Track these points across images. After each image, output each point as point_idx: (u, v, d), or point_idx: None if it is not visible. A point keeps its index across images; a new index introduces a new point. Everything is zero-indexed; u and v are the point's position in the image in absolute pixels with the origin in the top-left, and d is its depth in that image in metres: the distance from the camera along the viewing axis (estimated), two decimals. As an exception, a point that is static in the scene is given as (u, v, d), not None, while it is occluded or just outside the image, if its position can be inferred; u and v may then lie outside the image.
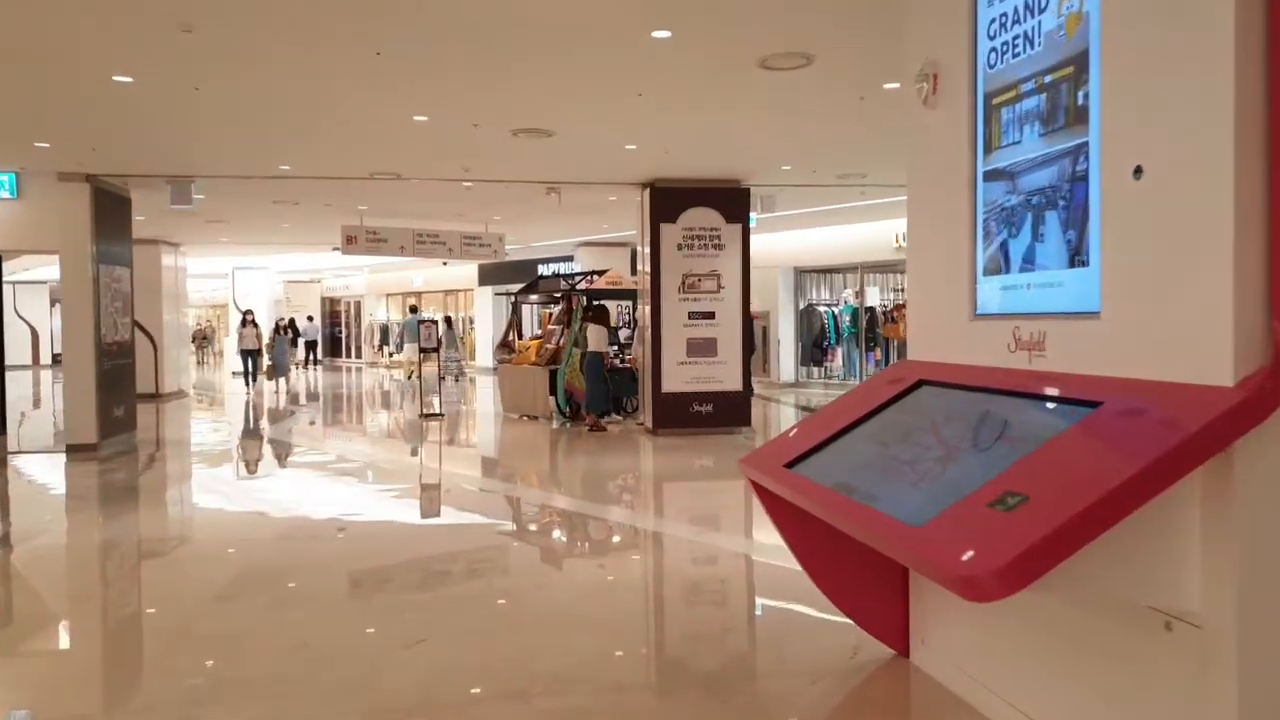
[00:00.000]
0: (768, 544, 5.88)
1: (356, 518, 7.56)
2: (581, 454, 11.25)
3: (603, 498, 8.67)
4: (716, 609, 5.23)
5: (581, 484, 9.53)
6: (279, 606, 5.07)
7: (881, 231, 17.35)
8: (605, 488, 9.15)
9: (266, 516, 7.77)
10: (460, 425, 14.86)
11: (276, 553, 6.35)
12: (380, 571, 5.88)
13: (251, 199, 13.67)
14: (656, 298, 11.75)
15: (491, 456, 11.84)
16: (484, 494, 9.22)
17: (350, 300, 36.60)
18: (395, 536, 6.93)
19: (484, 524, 7.57)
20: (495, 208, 14.93)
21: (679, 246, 11.78)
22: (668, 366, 11.74)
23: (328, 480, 9.72)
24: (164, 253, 20.10)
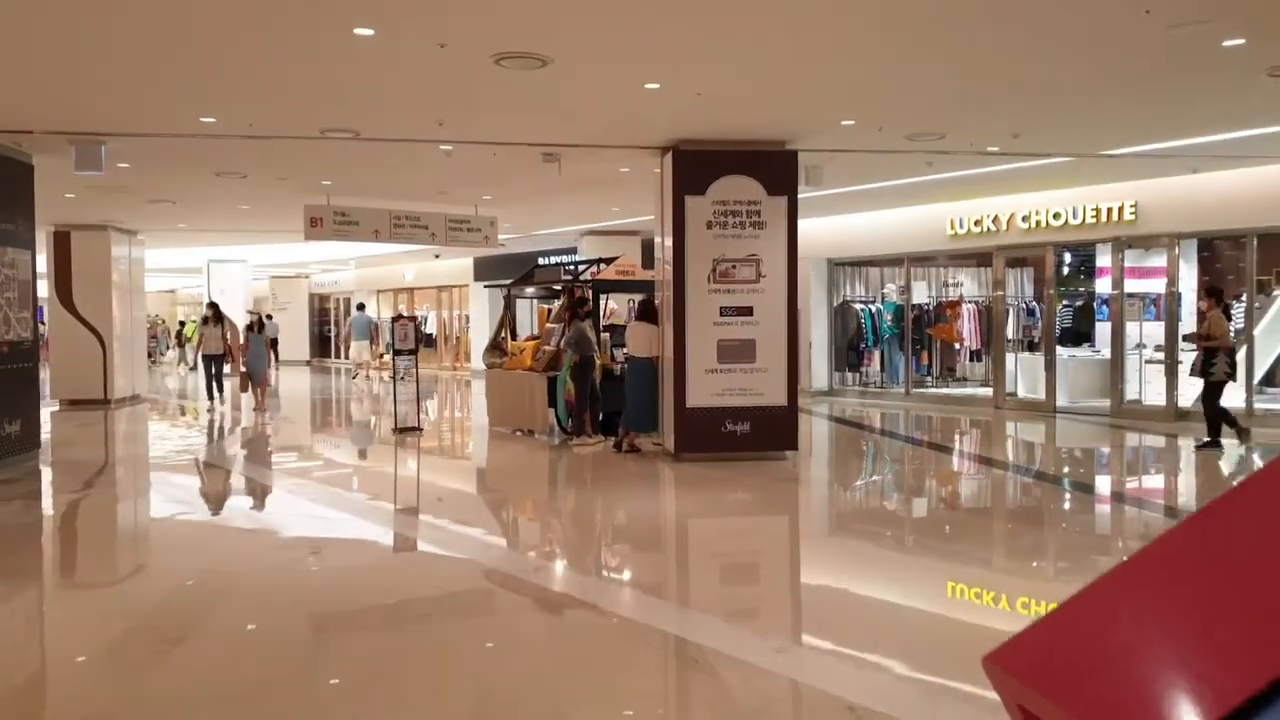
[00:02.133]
0: (892, 677, 3.51)
1: (273, 622, 5.17)
2: (582, 487, 8.87)
3: (605, 567, 6.28)
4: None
5: (577, 538, 7.17)
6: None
7: (933, 217, 14.95)
8: (610, 546, 6.74)
9: (138, 622, 5.38)
10: (440, 443, 12.46)
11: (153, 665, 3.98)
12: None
13: (188, 169, 11.32)
14: (680, 289, 9.36)
15: (468, 493, 9.43)
16: (446, 563, 6.82)
17: (340, 297, 34.28)
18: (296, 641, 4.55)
19: (424, 627, 5.18)
20: (484, 183, 12.54)
21: (709, 224, 9.38)
22: (694, 375, 9.35)
23: (253, 545, 7.33)
24: (115, 240, 17.75)
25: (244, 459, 11.08)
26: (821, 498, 8.72)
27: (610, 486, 8.91)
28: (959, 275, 17.02)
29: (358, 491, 9.09)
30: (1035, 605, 4.75)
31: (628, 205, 14.74)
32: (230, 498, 8.75)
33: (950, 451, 11.19)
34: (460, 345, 28.55)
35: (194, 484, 9.53)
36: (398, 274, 29.94)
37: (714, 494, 8.34)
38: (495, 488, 9.42)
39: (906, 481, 9.35)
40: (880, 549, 6.41)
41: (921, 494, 8.70)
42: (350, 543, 6.62)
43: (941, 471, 10.01)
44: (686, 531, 7.24)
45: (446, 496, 8.84)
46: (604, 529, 7.33)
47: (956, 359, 16.88)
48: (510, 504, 8.67)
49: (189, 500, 8.58)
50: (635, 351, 10.15)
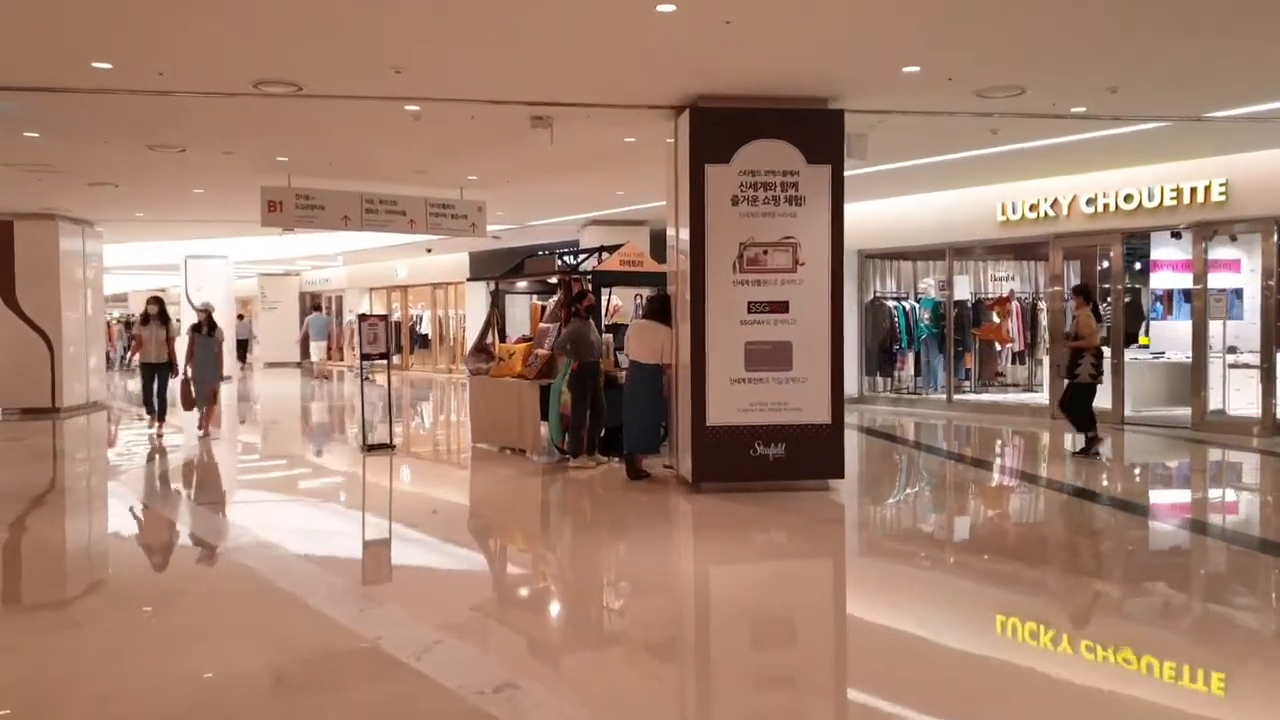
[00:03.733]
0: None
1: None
2: (573, 531, 7.10)
3: (609, 664, 4.47)
4: None
5: (572, 606, 5.37)
6: None
7: (981, 201, 13.15)
8: (604, 645, 4.91)
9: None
10: (413, 466, 10.67)
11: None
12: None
13: (114, 141, 9.55)
14: (699, 280, 7.58)
15: (440, 540, 7.62)
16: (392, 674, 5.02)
17: (331, 295, 32.57)
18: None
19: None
20: (466, 158, 10.76)
21: (735, 200, 7.60)
22: (716, 385, 7.57)
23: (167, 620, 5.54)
24: (65, 231, 16.04)
25: (151, 500, 9.25)
26: (885, 547, 6.76)
27: (610, 529, 7.13)
28: (1000, 268, 15.23)
29: (293, 541, 7.31)
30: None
31: (634, 189, 12.95)
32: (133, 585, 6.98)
33: (1033, 481, 9.18)
34: (456, 346, 26.80)
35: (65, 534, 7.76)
36: (390, 271, 28.22)
37: (742, 538, 6.55)
38: (468, 529, 7.62)
39: (997, 524, 7.42)
40: (986, 633, 4.61)
41: (1027, 545, 6.75)
42: (261, 636, 4.82)
43: (1035, 508, 8.16)
44: (709, 601, 5.45)
45: (407, 546, 7.07)
46: (596, 603, 5.54)
47: (998, 361, 15.10)
48: (482, 556, 6.88)
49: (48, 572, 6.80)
50: (639, 356, 8.35)
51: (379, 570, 6.13)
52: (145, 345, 12.22)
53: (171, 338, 12.31)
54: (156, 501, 8.35)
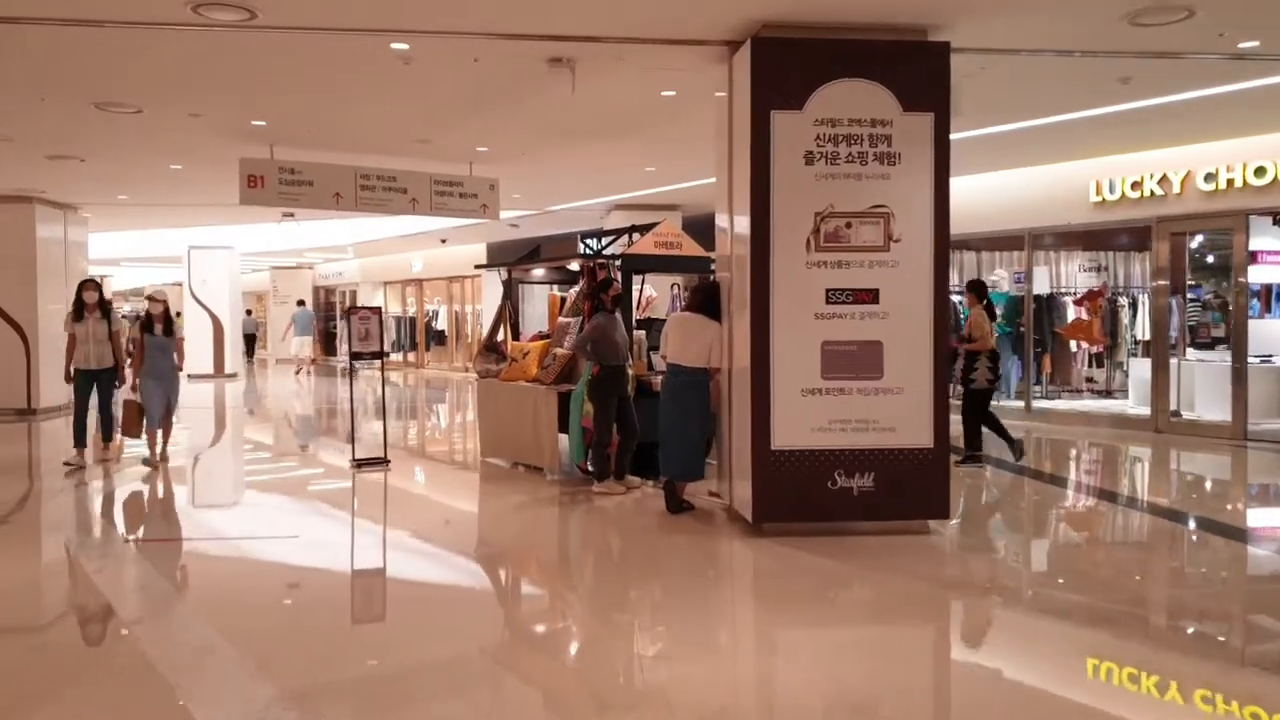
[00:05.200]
0: None
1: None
2: (601, 580, 5.38)
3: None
4: None
5: (596, 691, 3.68)
6: None
7: (1070, 179, 11.35)
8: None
9: None
10: (408, 488, 9.02)
11: None
12: None
13: (50, 97, 7.96)
14: (761, 260, 5.86)
15: (418, 601, 5.92)
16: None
17: (345, 289, 31.11)
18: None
19: None
20: (472, 120, 9.06)
21: (810, 157, 5.87)
22: (783, 398, 5.84)
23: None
24: (44, 216, 14.57)
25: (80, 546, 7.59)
26: (1023, 626, 4.71)
27: (645, 582, 5.43)
28: (1075, 258, 13.39)
29: (257, 591, 5.66)
30: None
31: (667, 164, 11.22)
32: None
33: (1179, 518, 7.27)
34: (473, 343, 25.22)
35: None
36: (405, 264, 26.69)
37: (820, 603, 4.82)
38: (464, 573, 5.93)
39: (1180, 585, 5.58)
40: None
41: (1232, 617, 4.95)
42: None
43: (1215, 559, 6.33)
44: (774, 690, 3.74)
45: (390, 607, 5.40)
46: (626, 689, 3.84)
47: (1074, 363, 13.27)
48: (478, 626, 5.20)
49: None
50: (681, 358, 6.64)
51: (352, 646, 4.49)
52: (81, 346, 8.90)
53: (118, 334, 9.16)
54: (83, 548, 6.75)
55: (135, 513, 7.45)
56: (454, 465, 9.95)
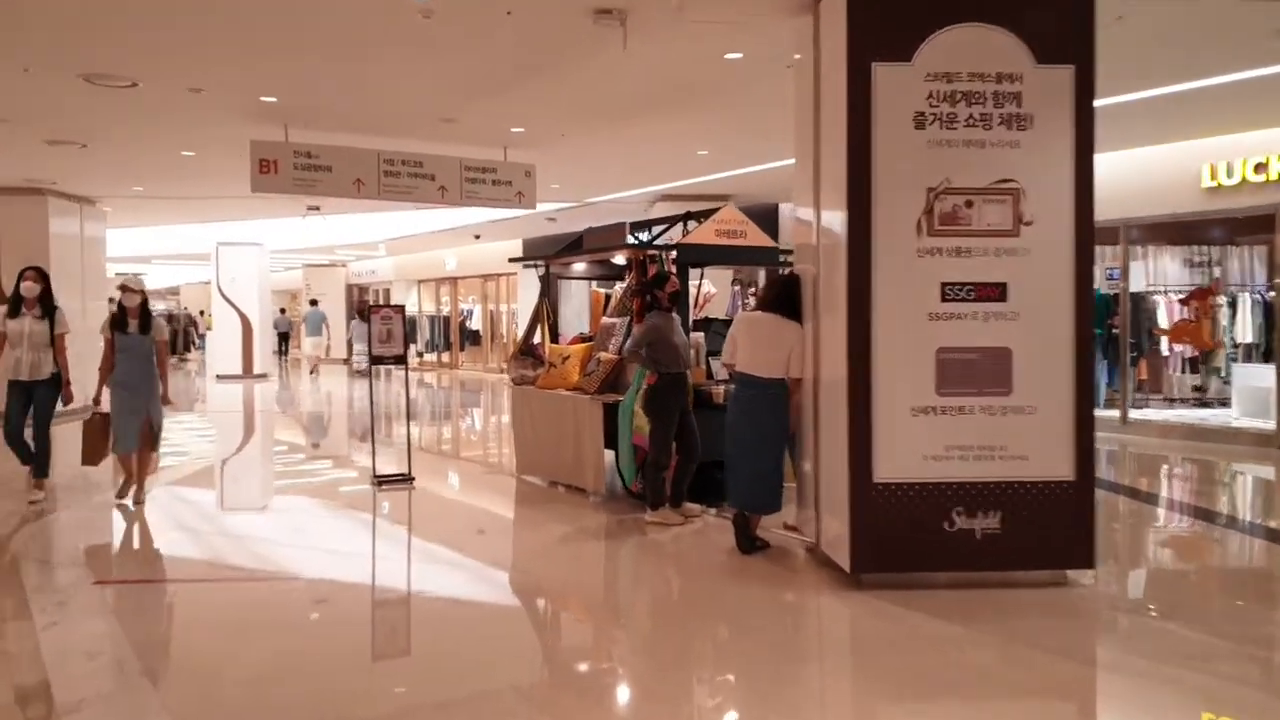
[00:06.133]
0: None
1: None
2: (660, 642, 4.27)
3: None
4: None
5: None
6: None
7: (1176, 162, 10.08)
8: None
9: None
10: (434, 509, 7.98)
11: None
12: None
13: (31, 65, 7.04)
14: (860, 247, 4.74)
15: (430, 673, 4.85)
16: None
17: (378, 287, 30.38)
18: None
19: None
20: (506, 92, 8.02)
21: (921, 119, 4.74)
22: (888, 415, 4.72)
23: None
24: (58, 209, 13.81)
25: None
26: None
27: (715, 649, 4.32)
28: (1164, 253, 12.08)
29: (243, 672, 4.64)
30: None
31: (723, 145, 10.09)
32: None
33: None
34: (509, 343, 24.31)
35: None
36: (438, 261, 25.82)
37: (949, 694, 3.70)
38: (496, 635, 4.87)
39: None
40: None
41: None
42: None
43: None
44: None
45: (413, 672, 4.35)
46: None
47: (1165, 368, 11.97)
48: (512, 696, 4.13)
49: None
50: (752, 367, 5.53)
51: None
52: (14, 350, 7.04)
53: (60, 335, 7.17)
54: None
55: (101, 552, 6.49)
56: (486, 484, 8.91)
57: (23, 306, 7.12)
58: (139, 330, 7.08)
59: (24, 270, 7.23)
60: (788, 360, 5.43)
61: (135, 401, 7.03)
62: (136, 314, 7.08)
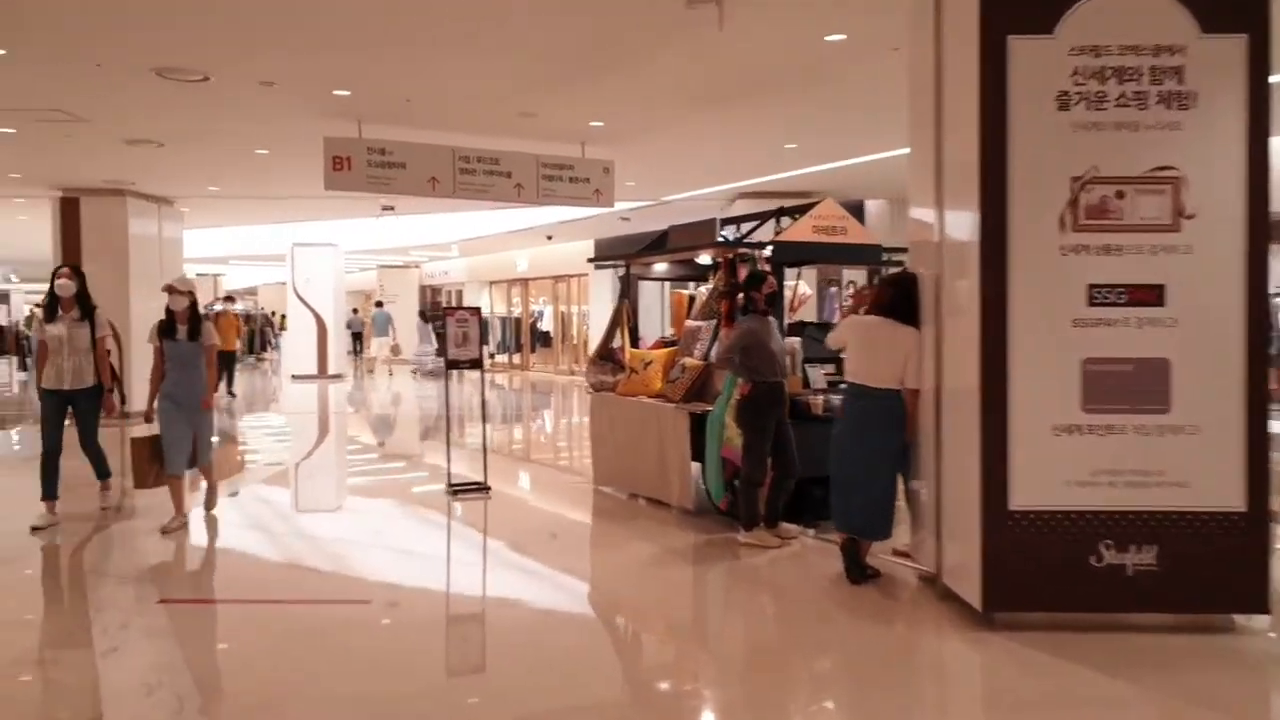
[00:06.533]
0: None
1: None
2: (760, 686, 3.78)
3: None
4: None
5: None
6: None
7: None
8: None
9: None
10: (511, 522, 7.60)
11: None
12: None
13: (105, 61, 6.86)
14: (994, 243, 4.19)
15: (537, 679, 4.42)
16: None
17: (451, 289, 30.43)
18: None
19: None
20: (588, 82, 7.62)
21: (1064, 100, 4.18)
22: (1027, 434, 4.16)
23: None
24: (137, 209, 13.90)
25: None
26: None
27: (822, 693, 3.83)
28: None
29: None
30: None
31: (819, 137, 9.53)
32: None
33: None
34: (580, 345, 24.05)
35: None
36: (510, 263, 25.67)
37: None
38: (570, 656, 4.43)
39: None
40: None
41: None
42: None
43: None
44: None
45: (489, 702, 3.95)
46: None
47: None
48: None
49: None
50: (862, 375, 5.02)
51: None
52: (54, 356, 6.40)
53: (101, 338, 6.57)
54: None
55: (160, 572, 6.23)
56: (562, 494, 8.51)
57: (59, 308, 6.46)
58: (188, 336, 6.32)
59: (58, 268, 6.60)
60: (904, 368, 4.91)
61: (183, 416, 6.31)
62: (185, 318, 6.34)
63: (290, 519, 7.53)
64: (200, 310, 6.63)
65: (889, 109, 7.98)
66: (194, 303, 6.46)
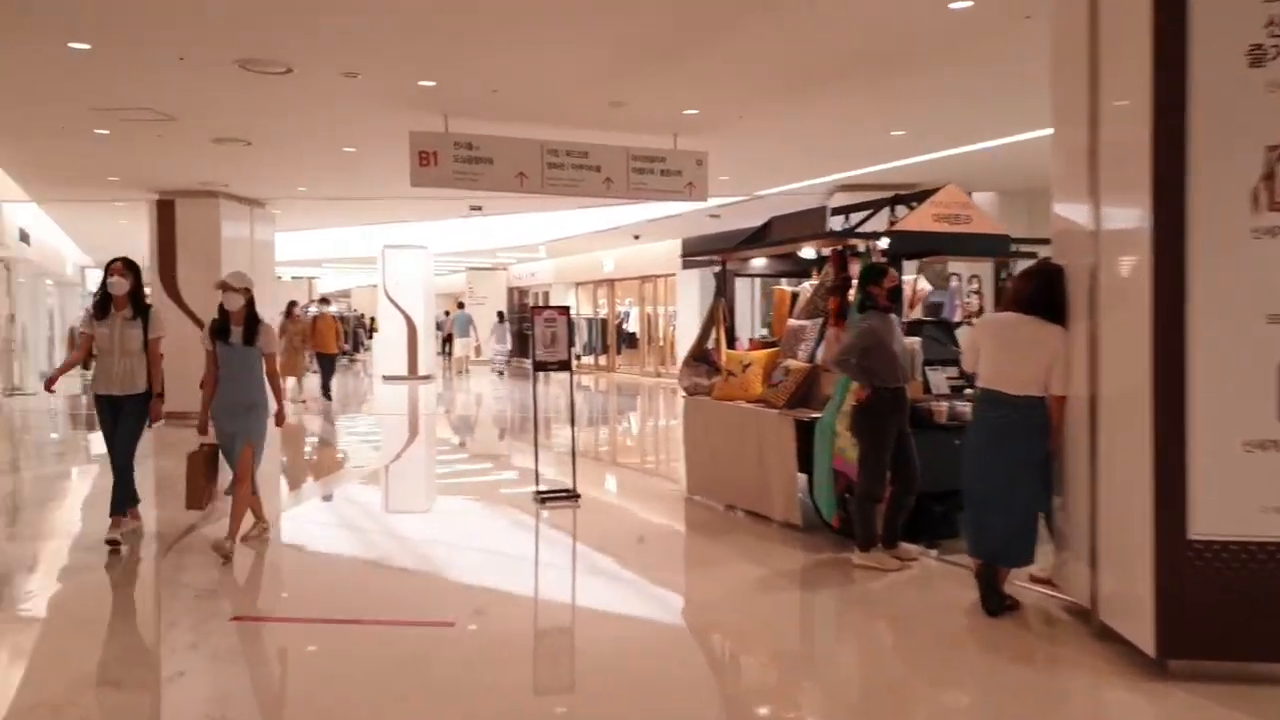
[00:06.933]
0: None
1: None
2: (871, 710, 3.27)
3: None
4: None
5: None
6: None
7: None
8: None
9: None
10: (601, 533, 7.16)
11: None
12: None
13: (187, 53, 6.69)
14: (1171, 229, 3.56)
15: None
16: None
17: (538, 290, 30.37)
18: None
19: None
20: (677, 72, 7.15)
21: (1257, 57, 3.54)
22: (1210, 453, 3.53)
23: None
24: (229, 211, 13.99)
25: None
26: None
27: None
28: None
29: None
30: None
31: (931, 120, 8.82)
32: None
33: None
34: (665, 346, 23.62)
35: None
36: (596, 263, 25.41)
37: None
38: (664, 681, 3.96)
39: None
40: None
41: None
42: None
43: None
44: None
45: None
46: None
47: None
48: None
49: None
50: (1000, 382, 4.42)
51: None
52: (104, 358, 5.80)
53: (154, 340, 5.87)
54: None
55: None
56: (653, 503, 8.05)
57: (112, 306, 5.82)
58: (243, 340, 5.62)
59: (111, 262, 5.86)
60: (1050, 373, 4.30)
61: (236, 423, 5.59)
62: (241, 319, 5.65)
63: (377, 524, 7.26)
64: (257, 310, 5.78)
65: (1016, 86, 7.34)
66: (250, 301, 5.73)
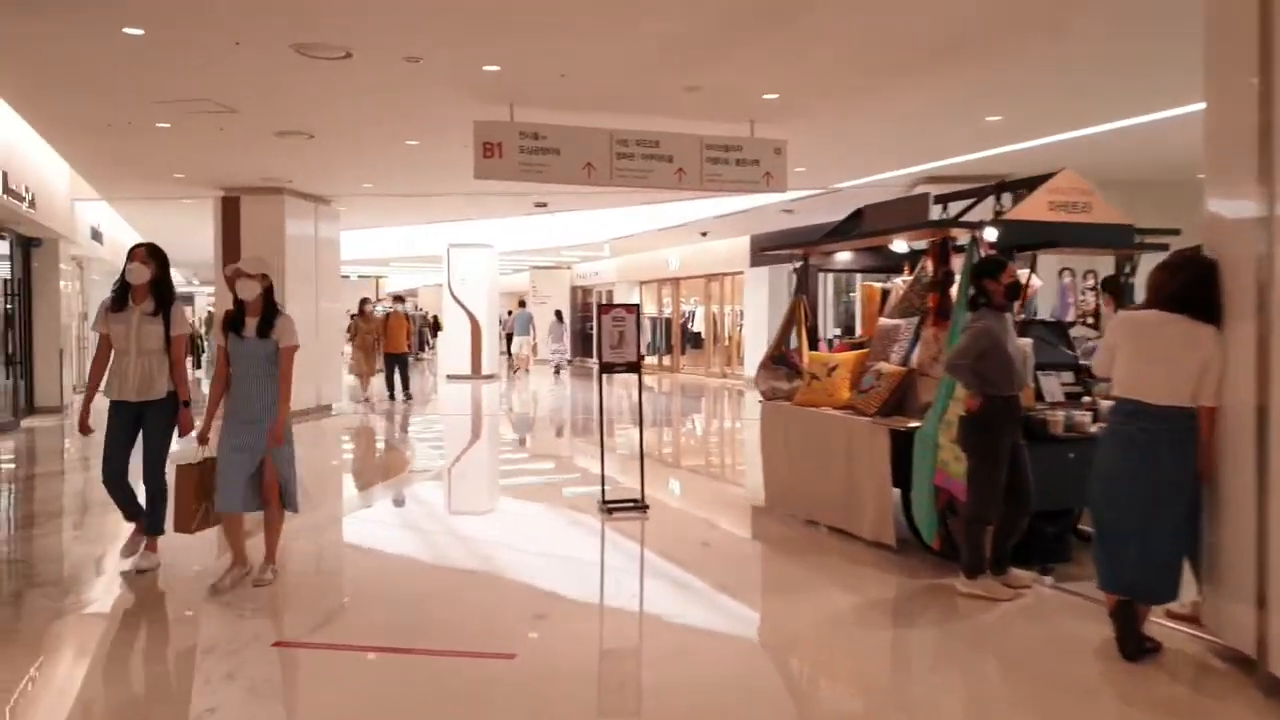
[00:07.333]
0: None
1: None
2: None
3: None
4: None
5: None
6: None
7: None
8: None
9: None
10: (671, 548, 6.65)
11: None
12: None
13: (243, 38, 6.38)
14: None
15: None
16: None
17: (602, 289, 30.04)
18: None
19: None
20: (756, 51, 6.63)
21: None
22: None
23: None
24: (293, 209, 13.87)
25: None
26: None
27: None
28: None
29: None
30: None
31: (1028, 105, 8.18)
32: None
33: None
34: (732, 346, 23.08)
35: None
36: (661, 262, 24.95)
37: None
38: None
39: None
40: None
41: None
42: None
43: None
44: None
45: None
46: None
47: None
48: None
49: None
50: (1140, 391, 3.82)
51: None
52: (119, 359, 5.08)
53: (177, 338, 5.10)
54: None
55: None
56: (727, 516, 7.50)
57: (130, 298, 5.08)
58: (257, 333, 4.79)
59: (133, 248, 5.11)
60: (1199, 381, 3.69)
61: (246, 437, 4.77)
62: (258, 310, 4.80)
63: (439, 532, 6.86)
64: (275, 300, 4.93)
65: (1128, 66, 6.67)
66: (269, 289, 4.86)
